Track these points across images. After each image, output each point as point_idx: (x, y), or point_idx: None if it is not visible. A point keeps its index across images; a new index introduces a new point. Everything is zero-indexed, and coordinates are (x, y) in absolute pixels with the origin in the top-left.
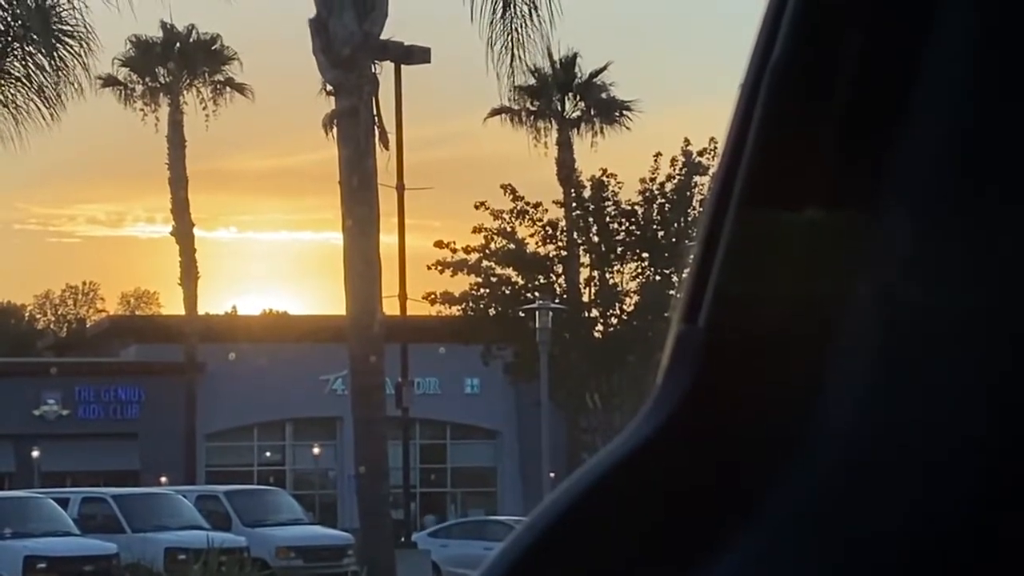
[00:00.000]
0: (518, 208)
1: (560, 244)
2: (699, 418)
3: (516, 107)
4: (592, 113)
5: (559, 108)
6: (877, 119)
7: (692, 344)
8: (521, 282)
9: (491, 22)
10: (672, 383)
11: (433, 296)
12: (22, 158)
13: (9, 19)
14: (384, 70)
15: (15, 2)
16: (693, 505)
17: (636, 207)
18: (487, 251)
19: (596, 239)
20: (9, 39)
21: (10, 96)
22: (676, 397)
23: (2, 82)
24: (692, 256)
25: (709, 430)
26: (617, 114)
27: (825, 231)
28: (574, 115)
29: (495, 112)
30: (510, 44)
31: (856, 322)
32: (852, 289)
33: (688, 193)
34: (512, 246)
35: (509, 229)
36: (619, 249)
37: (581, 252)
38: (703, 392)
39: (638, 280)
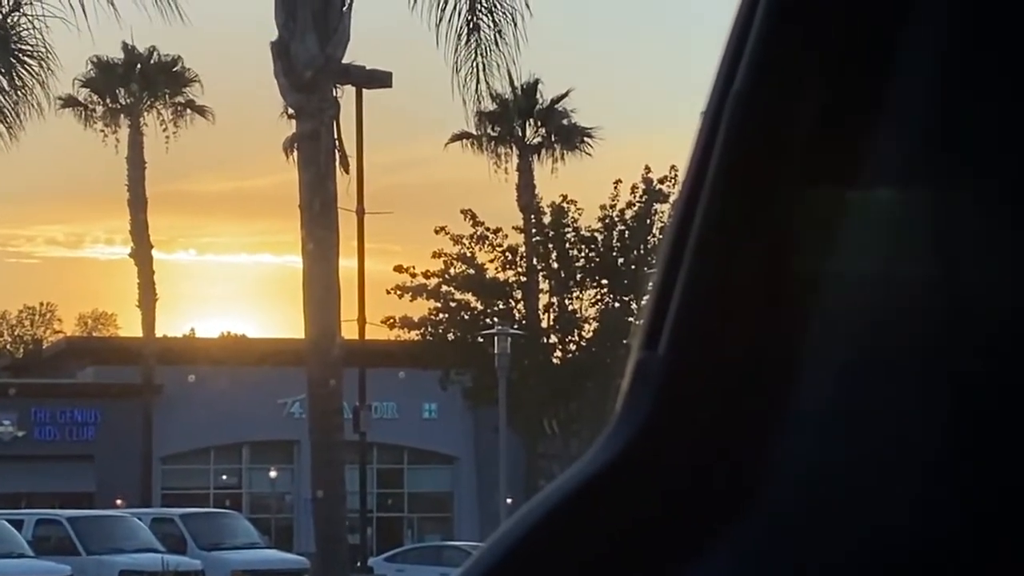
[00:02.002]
0: (478, 233)
1: (520, 270)
2: (658, 445)
3: (477, 132)
4: (553, 139)
5: (520, 134)
6: (839, 149)
7: (652, 371)
8: (480, 307)
9: (456, 47)
10: (631, 410)
11: (392, 320)
12: None
13: None
14: (345, 94)
15: None
16: (651, 532)
17: (596, 234)
18: (447, 276)
19: (556, 265)
20: None
21: None
22: (635, 424)
23: None
24: (652, 283)
25: (669, 457)
26: (578, 141)
27: (787, 258)
28: (535, 141)
29: (456, 137)
30: (475, 69)
31: (819, 345)
32: (816, 308)
33: (648, 220)
34: (472, 271)
35: (469, 254)
36: (579, 275)
37: (541, 278)
38: (663, 419)
39: (597, 307)
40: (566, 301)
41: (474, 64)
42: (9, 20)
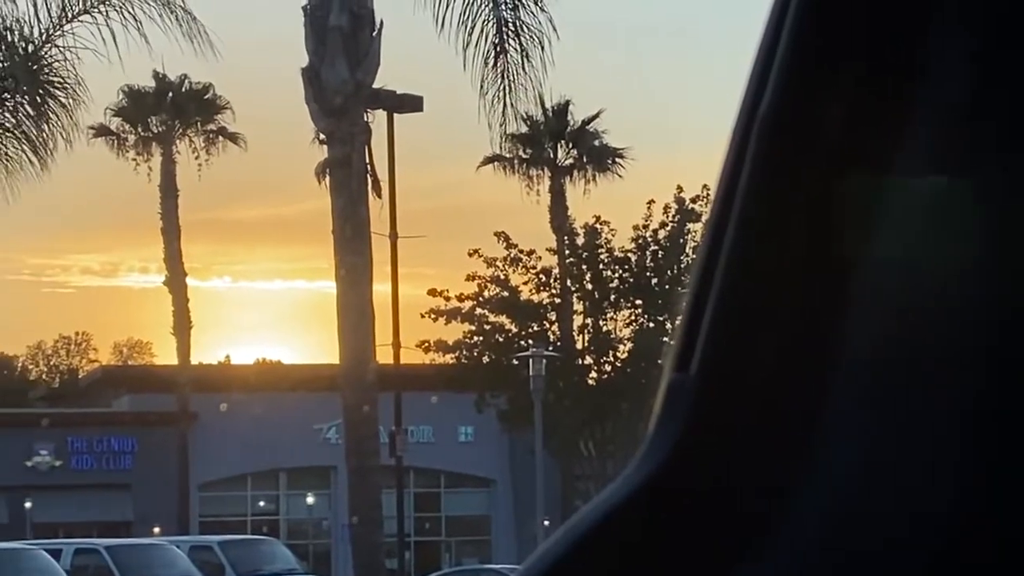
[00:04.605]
0: (511, 256)
1: (553, 291)
2: (691, 465)
3: (509, 155)
4: (585, 160)
5: (552, 156)
6: (866, 169)
7: (684, 392)
8: (515, 330)
9: (483, 71)
10: (663, 432)
11: (427, 344)
12: (15, 209)
13: (1, 70)
14: (376, 119)
15: (5, 53)
16: (685, 552)
17: (629, 254)
18: (480, 299)
19: (589, 286)
20: (0, 89)
21: (1, 147)
22: (668, 445)
23: None
24: (684, 304)
25: (701, 477)
26: (610, 161)
27: (817, 276)
28: (567, 163)
29: (488, 160)
30: (502, 93)
31: (852, 360)
32: (847, 324)
33: (681, 240)
34: (505, 294)
35: (502, 277)
36: (612, 296)
37: (575, 299)
38: (694, 441)
39: (632, 327)
40: (600, 322)
41: (501, 87)
42: (40, 52)
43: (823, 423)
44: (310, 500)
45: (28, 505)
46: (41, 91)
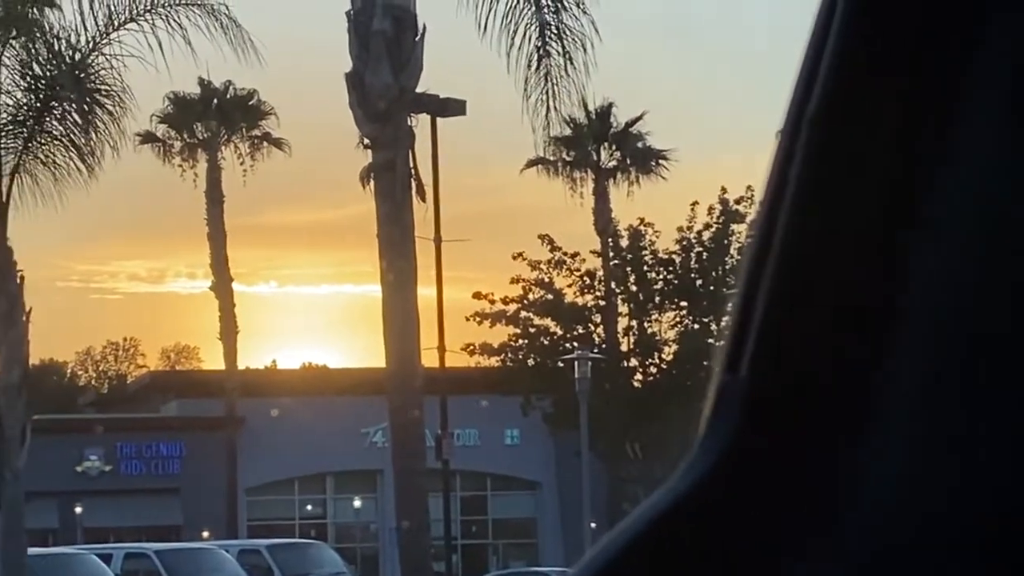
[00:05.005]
0: (556, 258)
1: (598, 294)
2: (742, 469)
3: (552, 158)
4: (628, 162)
5: (595, 158)
6: (916, 169)
7: (734, 394)
8: (560, 332)
9: (526, 74)
10: (714, 433)
11: (472, 347)
12: (63, 216)
13: (49, 78)
14: (420, 123)
15: (52, 61)
16: (736, 557)
17: (674, 256)
18: (525, 302)
19: (634, 288)
20: (48, 97)
21: (49, 155)
22: (718, 448)
23: (42, 141)
24: (733, 304)
25: (751, 483)
26: (653, 163)
27: (868, 277)
28: (610, 165)
29: (532, 163)
30: (545, 96)
31: (906, 360)
32: (898, 325)
33: (726, 241)
34: (550, 296)
35: (547, 279)
36: (657, 298)
37: (619, 301)
38: (745, 444)
39: (677, 329)
40: (645, 324)
41: (544, 90)
42: (87, 60)
43: (880, 422)
44: (357, 504)
45: (78, 510)
46: (88, 99)
